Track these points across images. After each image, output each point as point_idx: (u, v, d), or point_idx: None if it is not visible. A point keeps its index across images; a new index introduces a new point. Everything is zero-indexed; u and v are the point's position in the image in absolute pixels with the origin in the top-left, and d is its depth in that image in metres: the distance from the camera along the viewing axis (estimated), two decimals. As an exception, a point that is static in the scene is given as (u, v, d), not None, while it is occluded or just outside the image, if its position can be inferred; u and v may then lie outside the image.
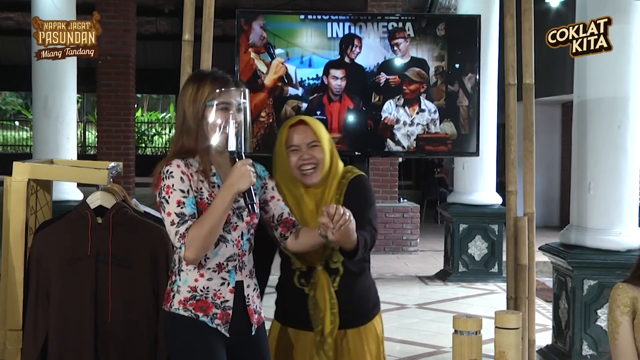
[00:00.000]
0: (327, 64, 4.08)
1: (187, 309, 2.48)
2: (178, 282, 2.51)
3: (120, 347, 2.86)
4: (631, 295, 2.50)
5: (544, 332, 5.60)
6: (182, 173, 2.45)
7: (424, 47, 4.01)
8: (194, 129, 2.52)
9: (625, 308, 2.50)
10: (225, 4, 11.95)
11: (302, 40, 4.04)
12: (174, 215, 2.41)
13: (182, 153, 2.51)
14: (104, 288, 2.85)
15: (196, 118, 2.51)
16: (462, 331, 1.89)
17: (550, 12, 11.73)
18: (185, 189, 2.44)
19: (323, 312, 2.72)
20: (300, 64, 4.05)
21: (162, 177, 2.45)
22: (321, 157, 2.74)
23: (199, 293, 2.49)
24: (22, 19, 17.99)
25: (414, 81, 3.99)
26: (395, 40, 4.01)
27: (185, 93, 2.56)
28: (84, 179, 3.06)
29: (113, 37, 10.66)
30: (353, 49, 4.02)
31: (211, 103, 2.51)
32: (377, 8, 9.79)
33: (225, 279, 2.52)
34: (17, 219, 2.91)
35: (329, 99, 4.02)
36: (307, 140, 2.75)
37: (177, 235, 2.39)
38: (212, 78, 2.56)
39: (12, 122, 29.07)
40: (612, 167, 4.64)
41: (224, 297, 2.51)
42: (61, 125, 7.48)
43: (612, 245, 4.64)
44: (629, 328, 2.50)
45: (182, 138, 2.53)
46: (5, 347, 2.92)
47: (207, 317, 2.49)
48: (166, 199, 2.43)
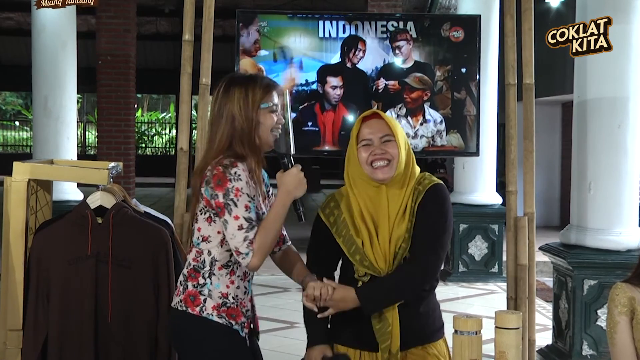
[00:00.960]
0: (322, 69, 3.67)
1: (221, 315, 2.44)
2: (209, 286, 2.45)
3: (120, 347, 2.86)
4: (629, 295, 2.50)
5: (544, 332, 5.59)
6: (247, 177, 2.40)
7: (427, 50, 3.66)
8: (250, 133, 2.45)
9: (623, 308, 2.50)
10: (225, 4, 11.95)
11: (291, 41, 3.67)
12: (242, 220, 2.35)
13: (236, 156, 2.44)
14: (104, 288, 2.85)
15: (251, 122, 2.45)
16: (462, 331, 1.89)
17: (550, 12, 11.73)
18: (251, 194, 2.40)
19: (391, 325, 2.46)
20: (289, 68, 3.68)
21: (229, 178, 2.37)
22: (395, 152, 2.49)
23: (230, 300, 2.45)
24: (22, 19, 18.00)
25: (415, 88, 3.64)
26: (397, 43, 3.65)
27: (232, 97, 2.47)
28: (84, 179, 3.06)
29: (113, 37, 10.67)
30: (356, 53, 3.66)
31: (265, 105, 2.46)
32: (377, 8, 9.80)
33: (247, 288, 2.52)
34: (17, 219, 2.91)
35: (321, 107, 3.64)
36: (380, 134, 2.52)
37: (247, 240, 2.34)
38: (261, 80, 2.52)
39: (12, 122, 29.08)
40: (612, 167, 4.64)
41: (247, 306, 2.51)
42: (61, 126, 7.48)
43: (612, 245, 4.64)
44: (627, 328, 2.50)
45: (229, 142, 2.45)
46: (5, 347, 2.91)
47: (238, 325, 2.46)
48: (234, 201, 2.36)
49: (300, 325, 6.17)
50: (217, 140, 2.47)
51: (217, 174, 2.38)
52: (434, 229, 2.47)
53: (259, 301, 7.95)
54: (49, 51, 7.44)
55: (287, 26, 3.66)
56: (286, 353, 5.19)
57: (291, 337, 5.63)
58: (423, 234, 2.46)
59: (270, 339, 5.53)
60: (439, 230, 2.48)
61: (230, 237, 2.37)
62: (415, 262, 2.46)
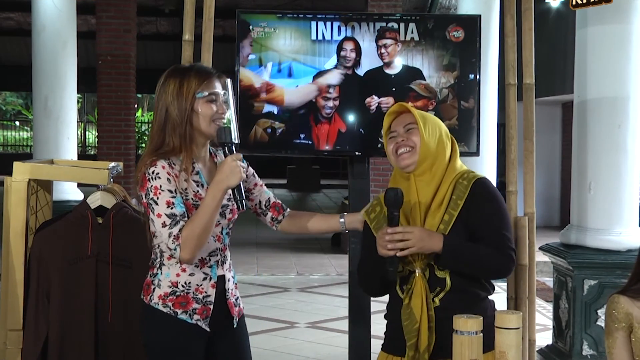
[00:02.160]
0: (316, 76, 3.32)
1: (167, 304, 2.47)
2: (159, 276, 2.49)
3: (120, 347, 2.87)
4: (626, 310, 2.46)
5: (544, 332, 5.60)
6: (168, 174, 2.40)
7: (431, 54, 3.33)
8: (181, 125, 2.44)
9: (620, 324, 2.47)
10: (225, 4, 11.95)
11: (279, 43, 3.31)
12: (164, 217, 2.37)
13: (164, 152, 2.45)
14: (104, 288, 2.85)
15: (183, 112, 2.44)
16: (462, 331, 1.88)
17: (550, 12, 11.73)
18: (172, 189, 2.40)
19: (418, 322, 2.36)
20: (277, 73, 3.32)
21: (148, 178, 2.40)
22: (418, 140, 2.44)
23: (180, 288, 2.47)
24: (22, 19, 18.00)
25: (422, 96, 3.34)
26: (384, 41, 3.32)
27: (166, 89, 2.46)
28: (84, 179, 3.06)
29: (113, 37, 10.67)
30: (347, 55, 3.33)
31: (201, 94, 2.45)
32: (378, 8, 9.78)
33: (207, 274, 2.51)
34: (18, 219, 2.91)
35: (315, 119, 3.31)
36: (404, 123, 2.49)
37: (171, 237, 2.36)
38: (196, 70, 2.50)
39: (13, 122, 29.08)
40: (613, 167, 4.64)
41: (206, 292, 2.50)
42: (61, 126, 7.49)
43: (613, 245, 4.64)
44: (626, 342, 2.47)
45: (163, 135, 2.46)
46: (5, 347, 2.92)
47: (185, 313, 2.47)
48: (155, 200, 2.39)
49: (300, 325, 6.21)
50: (153, 133, 2.49)
51: (140, 175, 2.43)
52: (492, 219, 2.41)
53: (258, 301, 7.99)
54: (49, 51, 7.44)
55: (276, 27, 3.35)
56: (286, 353, 5.19)
57: (291, 337, 5.63)
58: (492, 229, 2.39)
59: (270, 339, 5.53)
60: (497, 219, 2.42)
61: (158, 235, 2.41)
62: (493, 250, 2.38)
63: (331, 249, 10.34)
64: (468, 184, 2.44)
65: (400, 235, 2.33)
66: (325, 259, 9.55)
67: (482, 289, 2.45)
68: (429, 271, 2.41)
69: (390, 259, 2.35)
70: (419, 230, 2.35)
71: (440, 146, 2.47)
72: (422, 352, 2.36)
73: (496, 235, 2.39)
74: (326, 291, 7.62)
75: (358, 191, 3.49)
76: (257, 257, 9.43)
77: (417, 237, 2.33)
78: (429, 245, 2.34)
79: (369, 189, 3.57)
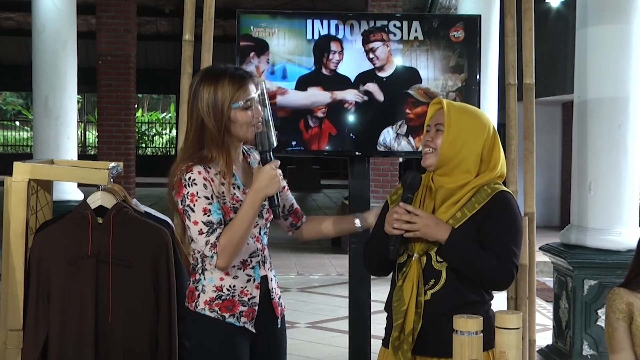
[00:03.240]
0: (300, 80, 3.18)
1: (213, 309, 2.45)
2: (203, 282, 2.47)
3: (120, 348, 2.86)
4: (627, 300, 2.48)
5: (544, 332, 5.60)
6: (204, 179, 2.38)
7: (437, 55, 3.17)
8: (219, 136, 2.40)
9: (620, 314, 2.48)
10: (226, 4, 11.96)
11: (273, 44, 3.17)
12: (201, 224, 2.36)
13: (200, 158, 2.41)
14: (104, 288, 2.85)
15: (220, 124, 2.39)
16: (462, 331, 1.88)
17: (550, 12, 11.73)
18: (209, 195, 2.38)
19: (406, 305, 2.38)
20: (270, 76, 3.19)
21: (184, 184, 2.38)
22: (439, 143, 2.43)
23: (225, 292, 2.46)
24: (22, 19, 18.01)
25: (421, 102, 3.19)
26: (370, 45, 3.15)
27: (201, 97, 2.41)
28: (85, 179, 3.06)
29: (113, 37, 10.67)
30: (331, 57, 3.17)
31: (237, 105, 2.40)
32: (378, 8, 9.78)
33: (251, 276, 2.50)
34: (18, 219, 2.91)
35: (306, 124, 3.18)
36: (435, 121, 2.47)
37: (208, 244, 2.35)
38: (230, 76, 2.42)
39: (13, 122, 29.09)
40: (613, 167, 4.64)
41: (251, 294, 2.49)
42: (61, 126, 7.49)
43: (613, 245, 4.64)
44: (626, 334, 2.48)
45: (200, 146, 2.41)
46: (5, 347, 2.91)
47: (233, 316, 2.46)
48: (191, 207, 2.37)
49: (300, 325, 6.19)
50: (189, 142, 2.45)
51: (176, 181, 2.40)
52: (503, 231, 2.39)
53: (259, 301, 7.74)
54: (49, 51, 7.44)
55: (270, 26, 3.21)
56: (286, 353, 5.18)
57: (291, 337, 5.62)
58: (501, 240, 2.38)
59: (271, 339, 5.53)
60: (508, 233, 2.40)
61: (194, 242, 2.39)
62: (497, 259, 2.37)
63: (331, 249, 10.34)
64: (491, 192, 2.43)
65: (408, 216, 2.36)
66: (325, 259, 9.55)
67: (475, 293, 2.42)
68: (426, 260, 2.42)
69: (395, 237, 2.39)
70: (427, 217, 2.37)
71: (466, 152, 2.43)
72: (406, 334, 2.36)
73: (503, 247, 2.38)
74: (326, 291, 7.62)
75: (358, 191, 3.49)
76: (257, 257, 9.42)
77: (423, 223, 2.35)
78: (433, 232, 2.35)
79: (369, 189, 3.57)
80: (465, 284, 2.39)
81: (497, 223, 2.40)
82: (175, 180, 2.41)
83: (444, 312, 2.33)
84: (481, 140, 2.45)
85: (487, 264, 2.35)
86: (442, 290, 2.39)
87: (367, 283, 3.48)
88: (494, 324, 1.92)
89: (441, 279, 2.40)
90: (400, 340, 2.38)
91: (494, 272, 2.36)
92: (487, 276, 2.38)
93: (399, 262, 2.48)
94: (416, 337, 2.38)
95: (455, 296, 2.39)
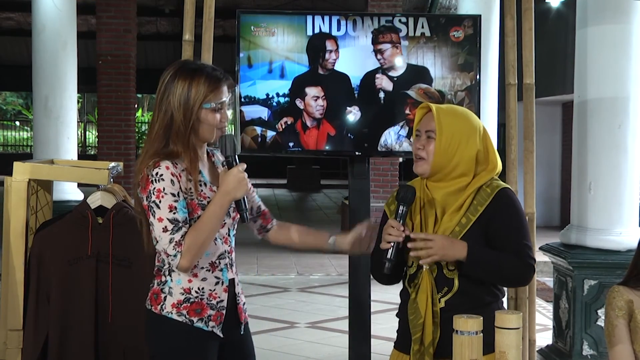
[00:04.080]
0: (297, 80, 3.03)
1: (181, 313, 2.38)
2: (170, 284, 2.40)
3: (120, 348, 2.87)
4: (626, 298, 2.49)
5: (544, 332, 5.60)
6: (172, 175, 2.33)
7: (444, 52, 3.06)
8: (185, 133, 2.37)
9: (620, 311, 2.49)
10: (225, 4, 11.95)
11: (271, 40, 3.03)
12: (166, 222, 2.30)
13: (166, 153, 2.36)
14: (104, 288, 2.85)
15: (188, 121, 2.36)
16: (462, 331, 1.88)
17: (550, 12, 11.73)
18: (176, 192, 2.32)
19: (422, 318, 2.36)
20: (267, 74, 3.04)
21: (151, 180, 2.32)
22: (431, 151, 2.40)
23: (194, 295, 2.39)
24: (22, 19, 18.01)
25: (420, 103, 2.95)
26: (379, 46, 3.05)
27: (174, 91, 2.36)
28: (85, 179, 3.06)
29: (113, 37, 10.67)
30: (327, 57, 3.06)
31: (208, 105, 2.37)
32: (378, 8, 9.78)
33: (219, 278, 2.43)
34: (18, 219, 2.91)
35: (303, 125, 3.07)
36: (426, 128, 2.43)
37: (172, 242, 2.30)
38: (207, 75, 2.38)
39: (13, 122, 29.09)
40: (613, 167, 4.64)
41: (219, 297, 2.43)
42: (61, 126, 7.48)
43: (613, 245, 4.64)
44: (626, 331, 2.49)
45: (166, 140, 2.37)
46: (5, 347, 2.92)
47: (201, 321, 2.39)
48: (157, 203, 2.31)
49: (300, 325, 6.20)
50: (154, 134, 2.39)
51: (143, 176, 2.35)
52: (512, 230, 2.40)
53: (259, 301, 7.97)
54: (49, 51, 7.44)
55: (268, 23, 3.08)
56: (286, 353, 5.19)
57: (291, 337, 5.63)
58: (514, 239, 2.39)
59: (270, 339, 5.53)
60: (517, 230, 2.41)
61: (157, 240, 2.33)
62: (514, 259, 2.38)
63: (331, 249, 10.32)
64: (491, 192, 2.41)
65: (422, 243, 2.33)
66: (325, 259, 9.55)
67: (489, 294, 2.43)
68: (437, 269, 2.40)
69: (388, 252, 2.37)
70: (440, 239, 2.34)
71: (459, 156, 2.41)
72: (426, 346, 2.36)
73: (518, 245, 2.39)
74: (326, 291, 7.62)
75: (358, 191, 3.49)
76: (257, 257, 9.43)
77: (439, 246, 2.33)
78: (451, 253, 2.34)
79: (369, 189, 3.57)
80: (479, 286, 2.40)
81: (505, 223, 2.40)
82: (142, 177, 2.35)
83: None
84: (474, 143, 2.43)
85: (509, 265, 2.37)
86: (456, 296, 2.39)
87: (367, 283, 3.48)
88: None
89: (454, 286, 2.40)
90: (421, 352, 2.38)
91: (517, 272, 2.40)
92: (511, 278, 2.43)
93: (410, 274, 2.46)
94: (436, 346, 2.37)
95: (469, 300, 2.39)
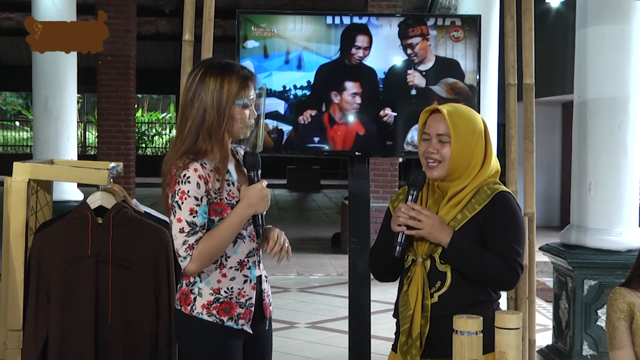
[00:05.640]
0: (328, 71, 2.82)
1: (211, 313, 2.40)
2: (199, 284, 2.41)
3: (120, 348, 2.86)
4: (628, 300, 2.49)
5: (544, 332, 5.60)
6: (199, 178, 2.34)
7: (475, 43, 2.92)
8: (219, 130, 2.37)
9: (622, 313, 2.49)
10: (225, 4, 11.96)
11: (288, 29, 2.82)
12: (184, 223, 2.33)
13: (195, 152, 2.38)
14: (104, 288, 2.85)
15: (222, 118, 2.37)
16: (462, 331, 1.88)
17: (550, 12, 11.73)
18: (199, 196, 2.34)
19: (412, 309, 2.37)
20: (284, 65, 2.89)
21: (178, 181, 2.34)
22: (447, 153, 2.39)
23: (223, 295, 2.41)
24: (22, 19, 17.98)
25: (447, 100, 3.05)
26: (409, 40, 2.92)
27: (206, 88, 2.37)
28: (84, 179, 3.06)
29: (113, 37, 10.64)
30: (354, 51, 2.89)
31: (240, 102, 2.39)
32: (378, 8, 9.77)
33: (247, 276, 2.45)
34: (18, 219, 2.91)
35: (330, 119, 2.93)
36: (438, 131, 2.41)
37: (185, 244, 2.32)
38: (238, 72, 2.40)
39: (13, 123, 29.09)
40: (613, 167, 4.64)
41: (248, 295, 2.45)
42: (61, 126, 7.48)
43: (613, 245, 4.64)
44: (627, 333, 2.49)
45: (197, 137, 2.37)
46: (5, 347, 2.91)
47: (231, 319, 2.41)
48: (179, 204, 2.34)
49: (300, 325, 6.20)
50: (186, 132, 2.39)
51: (172, 175, 2.37)
52: (506, 233, 2.39)
53: (259, 301, 7.72)
54: (49, 51, 7.43)
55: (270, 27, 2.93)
56: (286, 353, 5.18)
57: (291, 337, 5.63)
58: (504, 240, 2.38)
59: (271, 339, 5.53)
60: (511, 234, 2.40)
61: (173, 239, 2.36)
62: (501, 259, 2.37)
63: (331, 249, 10.34)
64: (491, 193, 2.42)
65: (415, 213, 2.35)
66: (325, 259, 9.55)
67: (482, 292, 2.41)
68: (431, 263, 2.40)
69: (399, 235, 2.38)
70: (433, 218, 2.36)
71: (470, 154, 2.42)
72: (414, 339, 2.36)
73: (507, 247, 2.38)
74: (326, 291, 7.62)
75: (358, 191, 3.49)
76: (257, 257, 9.43)
77: (429, 223, 2.35)
78: (437, 234, 2.35)
79: (369, 189, 3.58)
80: (472, 284, 2.39)
81: (498, 224, 2.39)
82: (171, 176, 2.38)
83: (451, 314, 2.27)
84: (482, 141, 2.45)
85: (492, 264, 2.35)
86: (449, 291, 2.39)
87: (367, 283, 3.49)
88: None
89: (447, 280, 2.39)
90: (408, 345, 2.38)
91: (499, 272, 2.36)
92: (492, 277, 2.38)
93: (406, 266, 2.47)
94: (424, 341, 2.37)
95: (462, 297, 2.38)
